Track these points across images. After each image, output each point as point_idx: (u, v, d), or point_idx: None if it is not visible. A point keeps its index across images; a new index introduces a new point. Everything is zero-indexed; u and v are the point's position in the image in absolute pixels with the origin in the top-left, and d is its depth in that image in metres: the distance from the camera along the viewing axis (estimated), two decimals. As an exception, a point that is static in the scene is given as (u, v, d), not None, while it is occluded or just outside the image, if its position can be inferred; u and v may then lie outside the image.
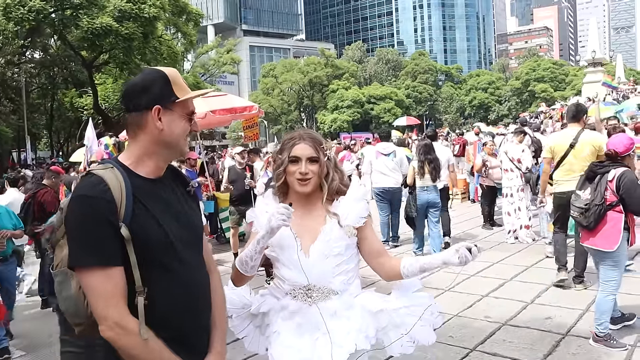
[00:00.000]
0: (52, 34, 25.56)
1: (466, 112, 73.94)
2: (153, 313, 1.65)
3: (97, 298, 1.59)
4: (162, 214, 1.72)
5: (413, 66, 73.23)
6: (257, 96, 60.83)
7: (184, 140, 1.82)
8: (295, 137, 2.25)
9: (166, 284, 1.70)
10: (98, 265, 1.58)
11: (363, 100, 61.68)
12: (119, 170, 1.68)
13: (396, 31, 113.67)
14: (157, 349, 1.64)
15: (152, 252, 1.66)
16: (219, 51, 47.67)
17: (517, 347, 4.38)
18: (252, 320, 2.36)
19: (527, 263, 7.00)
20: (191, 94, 1.80)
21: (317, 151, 2.23)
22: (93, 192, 1.61)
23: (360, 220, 2.25)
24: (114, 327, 1.58)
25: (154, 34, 24.85)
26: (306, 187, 2.21)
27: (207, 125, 10.66)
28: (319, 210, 2.25)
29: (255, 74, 79.09)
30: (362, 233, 2.28)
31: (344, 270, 2.22)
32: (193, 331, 1.81)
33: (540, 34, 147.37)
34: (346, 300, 2.21)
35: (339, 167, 2.34)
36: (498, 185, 9.26)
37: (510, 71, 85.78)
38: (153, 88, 1.73)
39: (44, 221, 6.62)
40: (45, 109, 32.03)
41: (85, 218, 1.59)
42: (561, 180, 5.73)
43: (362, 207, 2.26)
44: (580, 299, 5.41)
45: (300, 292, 2.21)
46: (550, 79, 68.84)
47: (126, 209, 1.62)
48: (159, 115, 1.72)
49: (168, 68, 1.84)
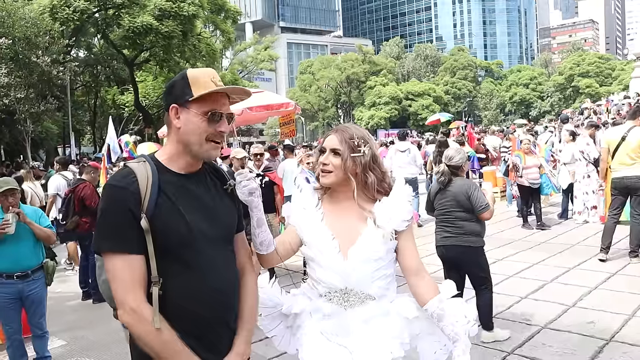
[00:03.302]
0: (96, 33, 26.24)
1: (506, 109, 72.44)
2: (168, 304, 1.68)
3: (117, 283, 1.66)
4: (189, 209, 1.75)
5: (452, 62, 72.12)
6: (294, 93, 61.12)
7: (205, 140, 1.77)
8: (332, 129, 2.20)
9: (184, 277, 1.73)
10: (118, 251, 1.65)
11: (401, 97, 61.14)
12: (150, 164, 1.75)
13: (435, 26, 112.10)
14: (170, 340, 1.66)
15: (172, 245, 1.71)
16: (257, 48, 47.98)
17: (557, 352, 4.23)
18: (282, 320, 2.29)
19: (568, 265, 6.77)
20: (205, 90, 1.75)
21: (341, 143, 2.09)
22: (121, 182, 1.70)
23: (403, 223, 2.11)
24: (130, 312, 1.64)
25: (193, 31, 25.19)
26: (325, 179, 2.11)
27: (244, 122, 10.74)
28: (358, 210, 2.11)
29: (293, 70, 79.39)
30: (402, 241, 2.13)
31: (383, 275, 2.10)
32: (212, 328, 1.80)
33: (585, 27, 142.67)
34: (383, 306, 2.12)
35: (379, 165, 2.15)
36: (534, 185, 9.02)
37: (553, 66, 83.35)
38: (175, 88, 1.80)
39: (84, 215, 6.80)
40: (89, 106, 32.95)
41: (109, 205, 1.69)
42: (617, 167, 6.67)
43: (405, 209, 2.11)
44: (626, 304, 5.19)
45: (336, 295, 2.12)
46: (596, 74, 66.56)
47: (149, 202, 1.68)
48: (177, 115, 1.78)
49: (199, 68, 1.86)
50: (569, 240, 8.19)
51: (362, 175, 2.09)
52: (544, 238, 8.36)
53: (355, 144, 2.09)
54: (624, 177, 6.56)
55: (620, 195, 6.71)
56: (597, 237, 7.33)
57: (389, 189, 2.13)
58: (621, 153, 6.60)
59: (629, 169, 6.51)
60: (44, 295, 4.51)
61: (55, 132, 27.53)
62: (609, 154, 6.83)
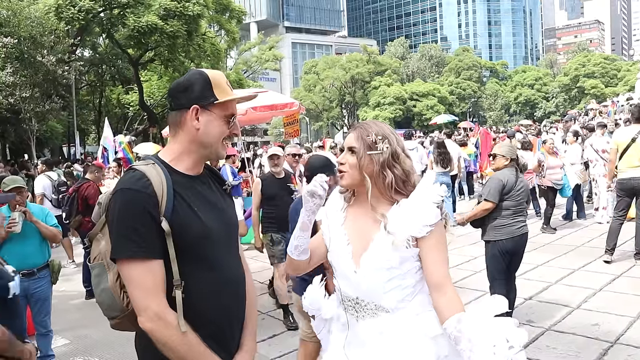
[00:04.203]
0: (101, 32, 26.32)
1: (511, 109, 72.18)
2: (189, 307, 1.67)
3: (138, 290, 1.62)
4: (202, 209, 1.76)
5: (457, 62, 71.90)
6: (299, 93, 61.00)
7: (221, 142, 1.82)
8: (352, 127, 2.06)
9: (203, 278, 1.72)
10: (139, 257, 1.61)
11: (405, 97, 60.97)
12: (159, 166, 1.73)
13: (440, 27, 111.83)
14: (195, 343, 1.66)
15: (191, 246, 1.70)
16: (262, 48, 47.96)
17: (560, 354, 4.21)
18: (324, 325, 2.20)
19: (573, 266, 6.74)
20: (230, 97, 1.80)
21: (357, 140, 1.94)
22: (136, 185, 1.66)
23: (423, 229, 1.84)
24: (154, 318, 1.61)
25: (198, 31, 25.25)
26: (342, 180, 1.98)
27: (248, 121, 10.72)
28: (375, 214, 1.93)
29: (298, 70, 79.29)
30: (424, 250, 1.86)
31: (398, 286, 1.87)
32: (228, 328, 1.82)
33: (591, 27, 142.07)
34: (400, 320, 1.89)
35: (402, 163, 1.94)
36: (557, 185, 8.94)
37: (559, 67, 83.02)
38: (194, 88, 1.77)
39: (87, 214, 6.82)
40: (94, 105, 33.07)
41: (127, 211, 1.63)
42: (624, 168, 6.72)
43: (428, 212, 1.85)
44: (631, 306, 5.16)
45: (349, 304, 1.99)
46: (601, 75, 66.17)
47: (167, 204, 1.65)
48: (197, 115, 1.76)
49: (214, 70, 1.85)
50: (574, 241, 8.16)
51: (381, 174, 1.91)
52: (548, 239, 8.33)
53: (372, 140, 1.92)
54: (632, 178, 6.64)
55: (627, 196, 6.76)
56: (602, 239, 7.30)
57: (412, 190, 1.92)
58: (630, 154, 6.67)
59: (637, 170, 6.60)
60: (49, 293, 4.53)
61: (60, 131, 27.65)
62: (617, 155, 6.86)
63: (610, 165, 7.21)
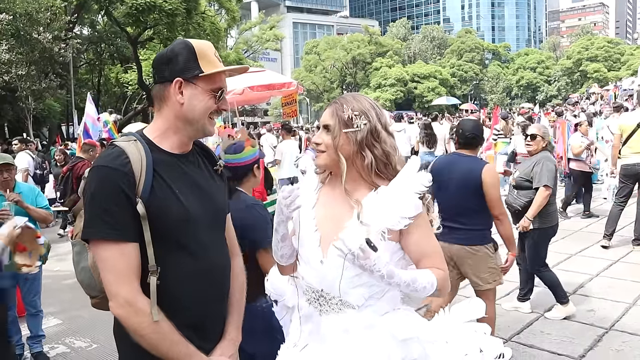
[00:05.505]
0: (99, 10, 25.95)
1: (513, 92, 71.75)
2: (166, 294, 1.58)
3: (109, 274, 1.54)
4: (183, 191, 1.65)
5: (459, 44, 71.32)
6: (299, 73, 60.64)
7: (207, 118, 1.70)
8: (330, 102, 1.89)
9: (182, 264, 1.63)
10: (111, 239, 1.52)
11: (407, 79, 60.59)
12: (141, 143, 1.62)
13: (442, 8, 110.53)
14: (167, 331, 1.57)
15: (169, 230, 1.60)
16: (262, 28, 47.49)
17: (555, 340, 4.18)
18: (287, 312, 2.07)
19: (570, 251, 6.70)
20: (217, 69, 1.67)
21: (332, 117, 1.77)
22: (113, 163, 1.55)
23: (400, 222, 1.67)
24: (124, 305, 1.53)
25: (197, 9, 24.87)
26: (318, 159, 1.81)
27: (245, 101, 10.62)
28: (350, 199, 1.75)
29: (299, 50, 78.70)
30: (406, 237, 1.71)
31: (367, 282, 1.69)
32: (208, 317, 1.73)
33: (595, 10, 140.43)
34: (366, 318, 1.73)
35: (382, 142, 1.75)
36: (595, 169, 8.87)
37: (561, 50, 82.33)
38: (178, 60, 1.65)
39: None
40: (93, 84, 32.77)
41: (101, 189, 1.54)
42: (628, 154, 6.68)
43: (407, 203, 1.67)
44: (627, 292, 5.13)
45: (313, 296, 1.81)
46: (604, 59, 65.60)
47: (145, 184, 1.55)
48: (180, 89, 1.64)
49: (201, 40, 1.73)
50: (572, 226, 8.11)
51: (359, 154, 1.74)
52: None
53: (348, 116, 1.73)
54: (636, 164, 6.60)
55: (630, 182, 6.71)
56: (600, 224, 7.26)
57: (394, 174, 1.74)
58: (636, 140, 6.62)
59: (637, 156, 6.58)
60: (38, 273, 4.48)
61: (57, 110, 27.37)
62: (621, 140, 6.81)
63: (614, 150, 7.12)
